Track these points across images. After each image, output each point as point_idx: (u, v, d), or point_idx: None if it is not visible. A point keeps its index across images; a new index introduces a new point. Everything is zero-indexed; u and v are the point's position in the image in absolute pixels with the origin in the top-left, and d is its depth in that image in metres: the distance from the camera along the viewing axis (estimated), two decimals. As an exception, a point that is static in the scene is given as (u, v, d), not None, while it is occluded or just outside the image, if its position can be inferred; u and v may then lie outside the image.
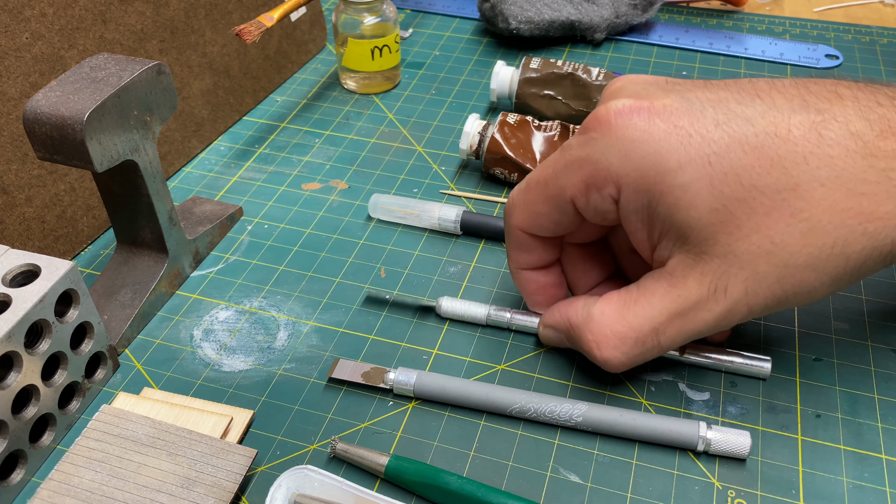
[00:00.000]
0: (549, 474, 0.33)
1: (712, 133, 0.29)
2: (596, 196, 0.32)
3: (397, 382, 0.36)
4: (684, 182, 0.29)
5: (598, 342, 0.33)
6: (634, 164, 0.30)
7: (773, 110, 0.29)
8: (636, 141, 0.30)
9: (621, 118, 0.30)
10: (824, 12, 0.70)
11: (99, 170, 0.34)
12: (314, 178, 0.51)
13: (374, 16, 0.55)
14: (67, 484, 0.31)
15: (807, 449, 0.34)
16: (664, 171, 0.29)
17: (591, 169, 0.31)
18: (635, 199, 0.31)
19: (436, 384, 0.36)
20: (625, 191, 0.31)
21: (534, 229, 0.35)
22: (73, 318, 0.34)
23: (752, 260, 0.29)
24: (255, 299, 0.42)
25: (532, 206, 0.34)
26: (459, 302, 0.40)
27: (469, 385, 0.35)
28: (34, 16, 0.39)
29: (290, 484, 0.31)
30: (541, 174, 0.34)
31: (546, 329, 0.37)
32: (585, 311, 0.34)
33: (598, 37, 0.63)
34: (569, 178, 0.32)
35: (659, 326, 0.32)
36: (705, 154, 0.29)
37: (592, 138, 0.31)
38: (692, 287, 0.31)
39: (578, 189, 0.32)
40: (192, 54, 0.50)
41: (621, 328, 0.32)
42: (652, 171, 0.30)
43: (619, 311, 0.32)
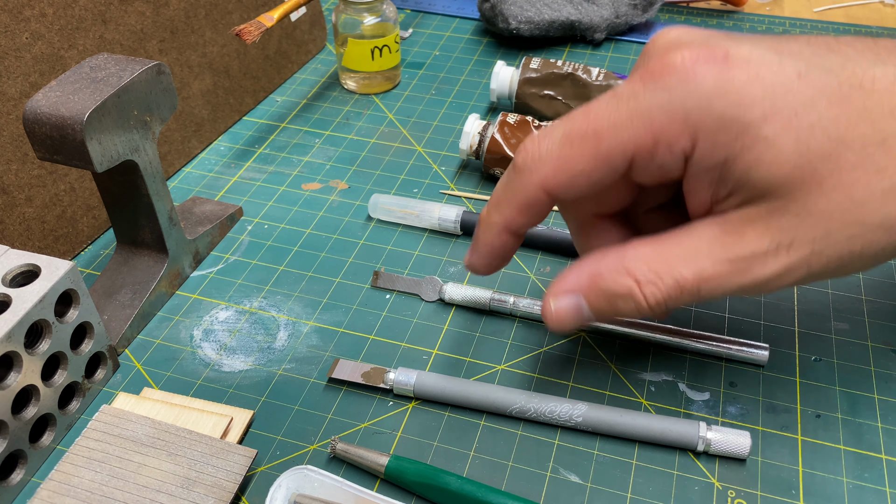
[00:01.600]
0: (549, 474, 0.33)
1: (795, 84, 0.27)
2: (665, 152, 0.28)
3: (397, 382, 0.36)
4: (770, 135, 0.26)
5: (637, 281, 0.28)
6: (717, 114, 0.27)
7: (851, 62, 0.27)
8: (718, 90, 0.27)
9: (700, 66, 0.27)
10: (824, 12, 0.70)
11: (99, 170, 0.34)
12: (314, 178, 0.51)
13: (374, 16, 0.55)
14: (67, 484, 0.31)
15: (807, 449, 0.34)
16: (748, 123, 0.27)
17: (664, 120, 0.27)
18: (711, 154, 0.27)
19: (436, 384, 0.36)
20: (701, 145, 0.27)
21: (564, 190, 0.30)
22: (73, 319, 0.34)
23: (828, 217, 0.27)
24: (255, 299, 0.42)
25: (573, 163, 0.29)
26: (463, 288, 0.41)
27: (469, 385, 0.35)
28: (34, 16, 0.39)
29: (290, 484, 0.31)
30: (588, 125, 0.29)
31: (559, 300, 0.31)
32: (615, 256, 0.29)
33: (598, 37, 0.63)
34: (634, 130, 0.28)
35: (703, 272, 0.28)
36: (791, 105, 0.27)
37: (666, 86, 0.27)
38: (751, 237, 0.28)
39: (645, 144, 0.28)
40: (192, 54, 0.50)
41: (661, 265, 0.28)
42: (735, 124, 0.27)
43: (657, 249, 0.29)
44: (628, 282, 0.29)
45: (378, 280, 0.42)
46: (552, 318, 0.31)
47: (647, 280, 0.28)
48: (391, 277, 0.42)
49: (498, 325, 0.40)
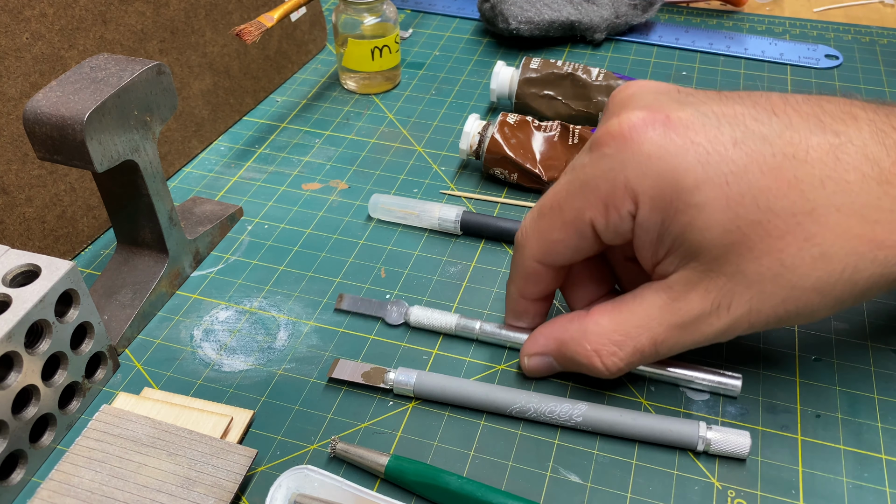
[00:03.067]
0: (549, 474, 0.33)
1: (730, 152, 0.28)
2: (615, 215, 0.30)
3: (397, 382, 0.36)
4: (700, 202, 0.28)
5: (597, 351, 0.32)
6: (652, 180, 0.29)
7: (790, 130, 0.29)
8: (653, 156, 0.29)
9: (636, 132, 0.29)
10: (824, 12, 0.70)
11: (99, 170, 0.34)
12: (314, 178, 0.51)
13: (374, 16, 0.55)
14: (67, 484, 0.31)
15: (807, 449, 0.34)
16: (681, 190, 0.29)
17: (608, 186, 0.30)
18: (650, 216, 0.30)
19: (436, 384, 0.36)
20: (641, 208, 0.30)
21: (550, 259, 0.34)
22: (73, 319, 0.34)
23: (760, 280, 0.29)
24: (255, 299, 0.42)
25: (548, 235, 0.33)
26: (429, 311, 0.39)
27: (469, 385, 0.36)
28: (34, 16, 0.39)
29: (290, 484, 0.31)
30: (554, 199, 0.32)
31: (532, 358, 0.36)
32: (578, 326, 0.33)
33: (597, 37, 0.64)
34: (586, 198, 0.31)
35: (657, 337, 0.32)
36: (723, 174, 0.28)
37: (606, 154, 0.30)
38: (694, 302, 0.30)
39: (598, 210, 0.31)
40: (193, 54, 0.50)
41: (619, 337, 0.32)
42: (668, 189, 0.29)
43: (615, 321, 0.32)
44: (589, 353, 0.33)
45: (342, 303, 0.41)
46: (527, 372, 0.37)
47: (607, 352, 0.32)
48: (355, 300, 0.41)
49: (499, 324, 0.40)
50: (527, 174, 0.48)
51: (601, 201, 0.30)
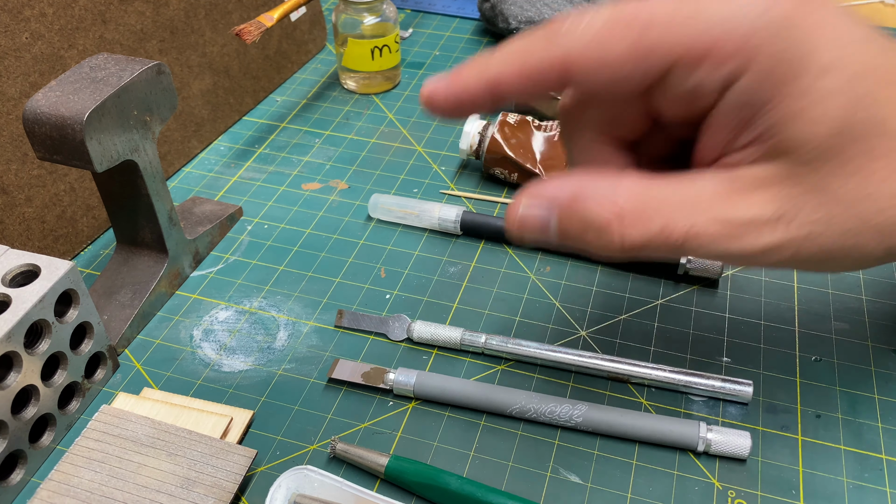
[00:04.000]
0: (549, 475, 0.33)
1: (869, 50, 0.24)
2: (709, 70, 0.24)
3: (397, 383, 0.36)
4: (823, 90, 0.24)
5: (620, 214, 0.25)
6: (780, 46, 0.23)
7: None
8: (791, 20, 0.23)
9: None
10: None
11: (99, 170, 0.34)
12: (314, 178, 0.51)
13: (374, 16, 0.55)
14: (67, 484, 0.31)
15: (807, 449, 0.34)
16: (808, 66, 0.23)
17: (722, 33, 0.24)
18: (757, 88, 0.24)
19: (436, 384, 0.35)
20: (750, 75, 0.24)
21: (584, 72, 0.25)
22: (72, 319, 0.34)
23: (838, 202, 0.25)
24: (254, 299, 0.42)
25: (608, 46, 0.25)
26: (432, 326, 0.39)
27: (469, 385, 0.35)
28: (34, 16, 0.39)
29: (290, 484, 0.31)
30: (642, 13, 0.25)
31: (531, 206, 0.26)
32: (607, 183, 0.26)
33: (598, 37, 0.63)
34: (687, 33, 0.24)
35: (695, 227, 0.25)
36: (858, 64, 0.24)
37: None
38: (756, 202, 0.25)
39: (693, 53, 0.24)
40: (192, 54, 0.50)
41: (654, 204, 0.25)
42: (795, 63, 0.23)
43: (653, 189, 0.25)
44: (610, 215, 0.25)
45: (342, 319, 0.40)
46: (514, 223, 0.27)
47: (632, 220, 0.25)
48: (355, 316, 0.40)
49: (499, 325, 0.40)
50: (527, 174, 0.48)
51: (703, 45, 0.24)
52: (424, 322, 0.39)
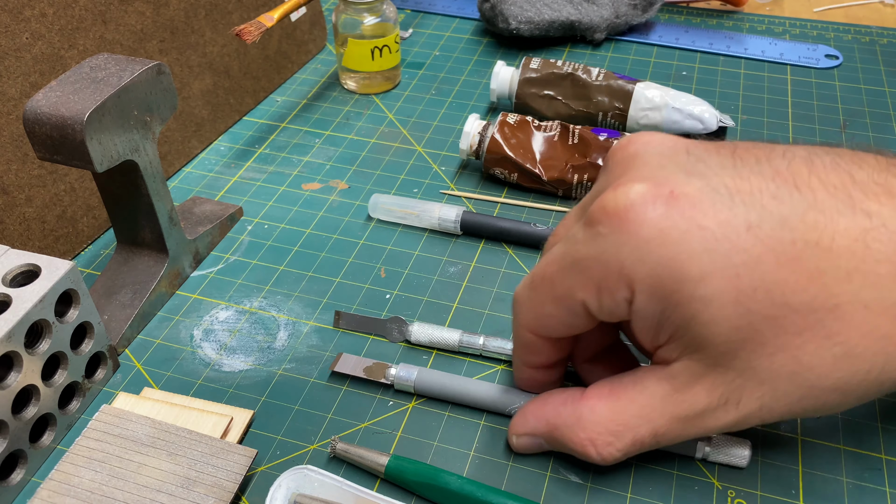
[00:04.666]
0: (549, 474, 0.33)
1: (742, 238, 0.25)
2: (608, 300, 0.28)
3: (398, 378, 0.36)
4: (706, 295, 0.25)
5: (592, 440, 0.30)
6: (650, 268, 0.26)
7: (814, 210, 0.25)
8: (652, 241, 0.26)
9: (635, 212, 0.26)
10: (824, 12, 0.70)
11: (99, 170, 0.34)
12: (314, 178, 0.51)
13: (374, 16, 0.55)
14: (67, 484, 0.31)
15: (807, 449, 0.34)
16: (683, 280, 0.26)
17: (601, 270, 0.27)
18: (648, 305, 0.27)
19: (436, 381, 0.35)
20: (638, 296, 0.27)
21: (543, 331, 0.31)
22: (73, 318, 0.34)
23: (773, 378, 0.26)
24: (255, 299, 0.42)
25: (539, 308, 0.30)
26: (430, 328, 0.39)
27: (470, 383, 0.35)
28: (34, 16, 0.39)
29: (290, 484, 0.31)
30: (545, 271, 0.30)
31: (521, 438, 0.33)
32: (571, 411, 0.31)
33: (597, 37, 0.63)
34: (577, 278, 0.28)
35: (658, 429, 0.29)
36: (733, 265, 0.25)
37: (601, 233, 0.27)
38: (699, 395, 0.28)
39: (590, 292, 0.28)
40: (193, 54, 0.50)
41: (617, 427, 0.29)
42: (669, 279, 0.26)
43: (613, 409, 0.30)
44: (584, 442, 0.30)
45: (340, 321, 0.40)
46: (515, 449, 0.34)
47: (603, 442, 0.30)
48: (353, 318, 0.40)
49: (499, 326, 0.40)
50: (527, 174, 0.48)
51: (593, 284, 0.28)
52: (422, 324, 0.39)
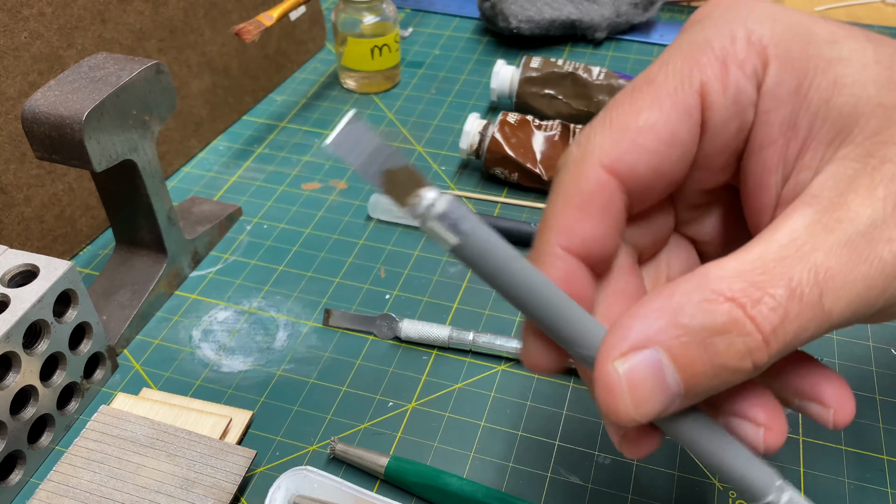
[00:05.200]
0: (549, 475, 0.33)
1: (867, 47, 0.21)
2: (737, 74, 0.21)
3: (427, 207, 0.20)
4: (844, 55, 0.21)
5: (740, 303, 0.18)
6: (782, 29, 0.21)
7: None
8: (779, 10, 0.22)
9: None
10: (826, 12, 0.70)
11: (97, 169, 0.34)
12: (314, 177, 0.51)
13: (374, 15, 0.55)
14: (66, 485, 0.31)
15: (807, 449, 0.34)
16: (819, 42, 0.21)
17: (725, 42, 0.21)
18: (784, 77, 0.21)
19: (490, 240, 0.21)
20: (772, 64, 0.21)
21: (630, 159, 0.21)
22: (71, 319, 0.34)
23: None
24: (254, 300, 0.42)
25: (633, 117, 0.21)
26: (420, 325, 0.39)
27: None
28: (33, 15, 0.39)
29: (290, 485, 0.31)
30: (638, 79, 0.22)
31: (628, 359, 0.19)
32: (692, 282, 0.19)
33: (598, 36, 0.63)
34: (695, 56, 0.21)
35: (819, 265, 0.18)
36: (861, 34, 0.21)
37: (715, 15, 0.22)
38: (859, 205, 0.19)
39: (712, 68, 0.21)
40: (192, 54, 0.50)
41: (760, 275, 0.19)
42: (804, 41, 0.21)
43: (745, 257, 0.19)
44: (726, 306, 0.18)
45: (330, 319, 0.40)
46: (621, 396, 0.19)
47: (751, 298, 0.18)
48: (343, 315, 0.40)
49: (499, 326, 0.40)
50: (527, 174, 0.47)
51: (716, 58, 0.21)
52: (412, 321, 0.39)
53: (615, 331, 0.19)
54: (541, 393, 0.36)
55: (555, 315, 0.20)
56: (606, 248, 0.22)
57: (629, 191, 0.22)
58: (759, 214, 0.22)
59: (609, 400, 0.19)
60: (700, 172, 0.23)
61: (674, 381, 0.19)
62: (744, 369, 0.19)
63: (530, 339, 0.22)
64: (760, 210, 0.22)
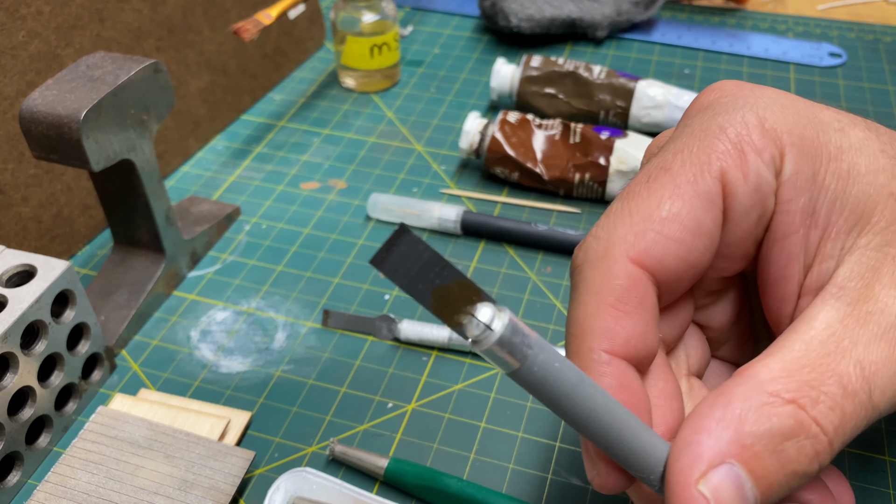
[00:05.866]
0: (550, 477, 0.33)
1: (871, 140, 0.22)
2: (756, 161, 0.21)
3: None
4: (854, 144, 0.21)
5: (800, 404, 0.18)
6: (793, 114, 0.21)
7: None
8: (783, 95, 0.22)
9: (755, 85, 0.23)
10: (828, 10, 0.70)
11: (95, 169, 0.34)
12: (313, 177, 0.50)
13: (374, 13, 0.55)
14: (64, 486, 0.31)
15: (810, 451, 0.34)
16: (829, 130, 0.21)
17: (740, 126, 0.21)
18: (800, 165, 0.21)
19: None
20: (790, 153, 0.21)
21: (656, 251, 0.21)
22: (69, 319, 0.33)
23: None
24: (252, 300, 0.42)
25: (654, 209, 0.21)
26: (419, 325, 0.38)
27: None
28: (30, 14, 0.38)
29: (289, 486, 0.31)
30: (654, 167, 0.22)
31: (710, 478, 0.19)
32: (745, 387, 0.19)
33: (599, 34, 0.63)
34: (711, 145, 0.21)
35: (863, 359, 0.19)
36: (861, 122, 0.22)
37: (723, 101, 0.22)
38: (888, 295, 0.19)
39: (731, 156, 0.21)
40: (190, 52, 0.50)
41: (810, 374, 0.19)
42: (814, 129, 0.21)
43: (788, 358, 0.19)
44: (789, 409, 0.18)
45: (329, 319, 0.40)
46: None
47: (809, 398, 0.18)
48: (342, 317, 0.40)
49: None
50: (528, 173, 0.47)
51: (733, 146, 0.21)
52: (412, 322, 0.39)
53: (685, 449, 0.19)
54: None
55: (621, 440, 0.19)
56: (649, 346, 0.21)
57: (658, 283, 0.21)
58: (782, 303, 0.22)
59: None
60: (721, 261, 0.23)
61: (752, 494, 0.19)
62: (811, 473, 0.19)
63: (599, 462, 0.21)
64: (783, 299, 0.22)
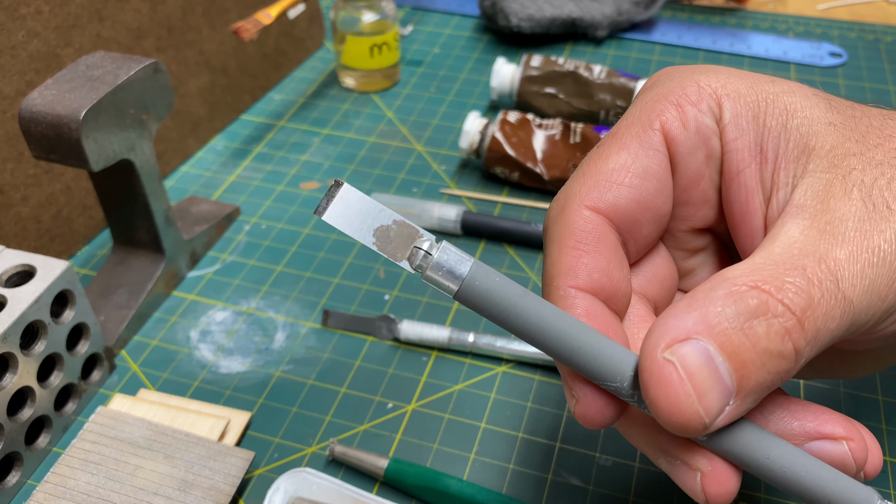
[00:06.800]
0: (550, 477, 0.33)
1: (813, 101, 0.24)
2: (693, 112, 0.23)
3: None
4: (786, 89, 0.23)
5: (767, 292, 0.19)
6: (727, 75, 0.23)
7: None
8: (720, 67, 0.24)
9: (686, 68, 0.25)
10: (828, 10, 0.70)
11: (95, 169, 0.34)
12: (312, 177, 0.50)
13: (374, 13, 0.55)
14: (63, 486, 0.31)
15: (810, 451, 0.34)
16: (762, 82, 0.23)
17: (677, 90, 0.23)
18: (740, 110, 0.23)
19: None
20: (726, 101, 0.23)
21: (609, 195, 0.22)
22: (68, 319, 0.33)
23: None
24: (252, 300, 0.42)
25: (602, 163, 0.23)
26: (419, 326, 0.38)
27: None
28: (30, 13, 0.38)
29: (289, 487, 0.31)
30: (606, 136, 0.24)
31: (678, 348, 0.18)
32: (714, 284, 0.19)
33: (600, 34, 0.63)
34: (652, 108, 0.23)
35: (826, 256, 0.19)
36: (789, 81, 0.24)
37: (662, 80, 0.24)
38: (843, 206, 0.20)
39: (670, 112, 0.23)
40: (189, 52, 0.50)
41: (773, 271, 0.19)
42: (750, 82, 0.23)
43: (753, 262, 0.20)
44: (753, 292, 0.19)
45: (328, 320, 0.40)
46: (681, 386, 0.18)
47: (773, 286, 0.19)
48: (342, 317, 0.40)
49: (499, 327, 0.40)
50: (528, 173, 0.47)
51: (672, 105, 0.23)
52: (411, 322, 0.39)
53: (652, 331, 0.19)
54: (541, 394, 0.36)
55: (580, 347, 0.19)
56: (614, 281, 0.22)
57: (618, 226, 0.23)
58: (751, 239, 0.23)
59: (669, 395, 0.18)
60: (685, 208, 0.24)
61: (726, 372, 0.18)
62: (787, 354, 0.19)
63: (574, 384, 0.21)
64: (751, 235, 0.23)
